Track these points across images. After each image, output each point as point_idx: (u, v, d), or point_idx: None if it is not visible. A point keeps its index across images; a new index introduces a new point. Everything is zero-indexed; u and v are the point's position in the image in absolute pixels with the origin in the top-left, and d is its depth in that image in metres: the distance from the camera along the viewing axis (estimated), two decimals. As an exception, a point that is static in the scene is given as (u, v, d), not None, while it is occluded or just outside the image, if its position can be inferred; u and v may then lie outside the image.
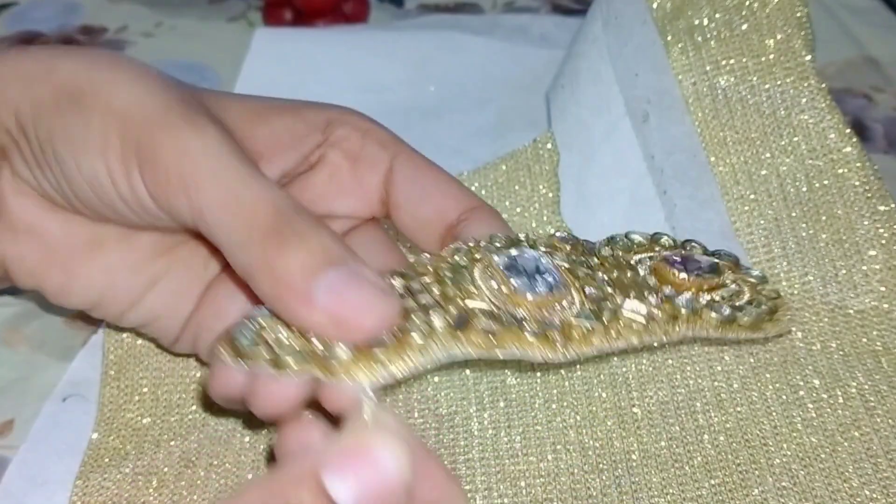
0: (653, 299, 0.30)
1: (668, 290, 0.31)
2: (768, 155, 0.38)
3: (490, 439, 0.34)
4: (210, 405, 0.35)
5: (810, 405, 0.34)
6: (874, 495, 0.31)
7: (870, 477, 0.32)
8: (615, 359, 0.35)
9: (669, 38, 0.40)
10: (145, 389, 0.35)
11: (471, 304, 0.28)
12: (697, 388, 0.34)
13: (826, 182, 0.38)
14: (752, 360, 0.35)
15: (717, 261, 0.33)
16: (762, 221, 0.37)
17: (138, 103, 0.29)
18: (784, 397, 0.34)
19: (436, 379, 0.35)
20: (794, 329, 0.36)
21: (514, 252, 0.30)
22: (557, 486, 0.32)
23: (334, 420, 0.26)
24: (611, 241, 0.33)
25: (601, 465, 0.33)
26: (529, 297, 0.28)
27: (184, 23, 0.55)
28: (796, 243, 0.37)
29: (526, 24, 0.54)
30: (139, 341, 0.36)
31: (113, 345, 0.36)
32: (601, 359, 0.35)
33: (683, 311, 0.30)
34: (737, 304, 0.32)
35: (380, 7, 0.56)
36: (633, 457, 0.33)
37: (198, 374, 0.36)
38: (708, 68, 0.39)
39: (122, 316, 0.33)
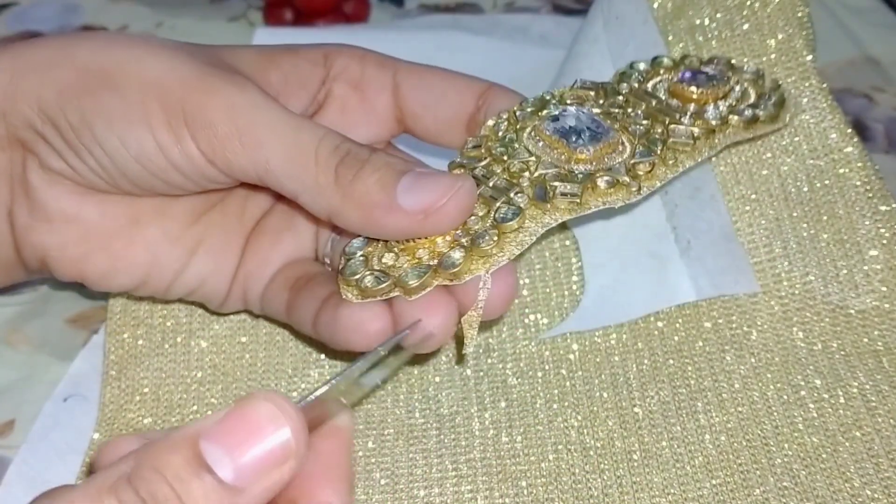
0: (686, 120, 0.32)
1: (692, 107, 0.33)
2: (769, 155, 0.38)
3: (491, 439, 0.34)
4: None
5: (812, 405, 0.34)
6: (876, 495, 0.31)
7: (871, 477, 0.32)
8: (616, 358, 0.35)
9: (670, 37, 0.40)
10: (146, 389, 0.35)
11: (538, 172, 0.29)
12: (699, 388, 0.34)
13: (827, 182, 0.38)
14: (753, 360, 0.35)
15: (722, 69, 0.35)
16: (763, 221, 0.37)
17: (170, 71, 0.29)
18: (785, 397, 0.34)
19: (437, 379, 0.35)
20: (795, 329, 0.36)
21: (553, 112, 0.31)
22: (559, 487, 0.32)
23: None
24: (623, 75, 0.35)
25: (602, 466, 0.33)
26: (587, 151, 0.30)
27: (184, 23, 0.55)
28: (797, 243, 0.37)
29: (526, 24, 0.54)
30: (140, 342, 0.36)
31: (114, 345, 0.36)
32: (602, 359, 0.35)
33: (714, 122, 0.32)
34: (750, 103, 0.34)
35: (380, 7, 0.56)
36: (635, 457, 0.33)
37: (199, 374, 0.36)
38: (709, 68, 0.39)
39: (168, 289, 0.33)
